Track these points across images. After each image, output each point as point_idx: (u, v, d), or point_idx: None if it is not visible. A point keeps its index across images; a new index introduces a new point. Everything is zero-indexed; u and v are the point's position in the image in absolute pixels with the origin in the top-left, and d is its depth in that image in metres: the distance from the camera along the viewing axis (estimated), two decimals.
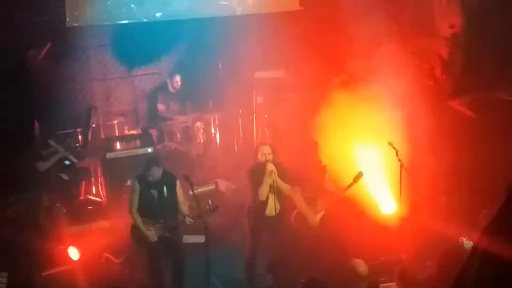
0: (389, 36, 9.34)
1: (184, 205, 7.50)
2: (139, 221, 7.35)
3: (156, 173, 7.31)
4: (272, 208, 7.52)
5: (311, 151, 8.02)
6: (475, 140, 8.02)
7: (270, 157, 7.41)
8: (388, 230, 8.50)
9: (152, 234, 7.31)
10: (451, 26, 7.59)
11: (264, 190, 7.37)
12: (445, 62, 7.90)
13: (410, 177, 8.19)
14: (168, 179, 7.42)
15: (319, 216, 7.91)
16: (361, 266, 5.90)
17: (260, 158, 7.42)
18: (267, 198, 7.47)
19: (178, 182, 7.49)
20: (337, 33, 9.73)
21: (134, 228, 7.46)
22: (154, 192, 7.34)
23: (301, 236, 7.98)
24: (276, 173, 7.34)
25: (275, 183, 7.37)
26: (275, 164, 7.40)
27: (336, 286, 6.12)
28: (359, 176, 7.85)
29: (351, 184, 7.90)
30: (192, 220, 7.29)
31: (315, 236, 8.14)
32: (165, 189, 7.36)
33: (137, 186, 7.37)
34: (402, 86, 8.93)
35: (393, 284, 5.98)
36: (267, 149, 7.48)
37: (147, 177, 7.34)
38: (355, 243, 8.13)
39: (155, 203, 7.35)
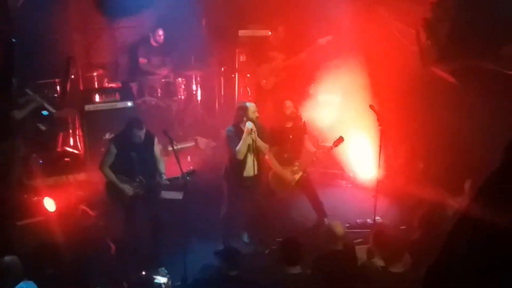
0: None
1: (160, 162, 7.41)
2: (112, 177, 7.24)
3: (140, 134, 7.14)
4: (250, 168, 7.45)
5: (291, 112, 7.96)
6: (456, 108, 8.05)
7: (255, 115, 7.34)
8: (365, 193, 8.59)
9: (127, 187, 7.25)
10: None
11: (242, 149, 7.29)
12: (430, 28, 7.85)
13: (389, 142, 8.24)
14: (147, 138, 7.26)
15: (296, 177, 7.93)
16: (338, 227, 5.93)
17: (251, 116, 7.31)
18: (245, 157, 7.42)
19: (156, 140, 7.39)
20: None
21: (109, 184, 7.37)
22: (133, 154, 7.21)
23: (278, 196, 8.02)
24: (256, 132, 7.27)
25: (254, 142, 7.32)
26: (254, 124, 7.33)
27: (311, 247, 6.17)
28: (339, 140, 7.85)
29: (330, 148, 7.91)
30: (168, 182, 7.25)
31: (292, 196, 8.20)
32: (143, 149, 7.24)
33: (114, 150, 7.20)
34: (386, 50, 8.90)
35: (368, 246, 6.05)
36: (254, 107, 7.40)
37: (127, 138, 7.19)
38: (331, 205, 8.21)
39: (133, 163, 7.23)
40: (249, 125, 7.22)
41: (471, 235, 1.43)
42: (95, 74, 10.64)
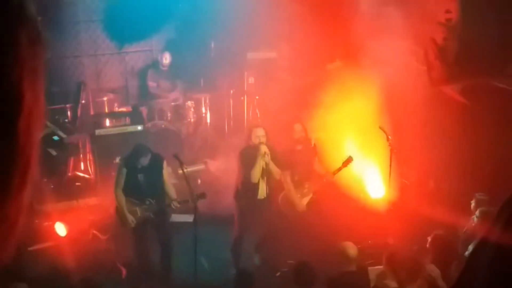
0: (384, 21, 9.30)
1: (170, 187, 7.38)
2: (122, 202, 7.22)
3: (143, 161, 7.15)
4: (263, 190, 7.48)
5: (299, 136, 7.97)
6: (465, 126, 8.03)
7: (263, 139, 7.34)
8: (376, 214, 8.53)
9: (131, 218, 7.21)
10: (447, 11, 7.55)
11: (256, 173, 7.31)
12: (439, 47, 7.86)
13: (399, 162, 8.21)
14: (155, 161, 7.26)
15: (306, 199, 7.90)
16: (351, 248, 5.90)
17: (254, 140, 7.33)
18: (258, 180, 7.43)
19: (164, 164, 7.37)
20: (332, 17, 9.66)
21: (118, 209, 7.38)
22: (141, 176, 7.21)
23: (289, 218, 7.99)
24: (269, 155, 7.28)
25: (267, 165, 7.32)
26: (268, 147, 7.34)
27: (324, 268, 6.13)
28: (348, 160, 7.83)
29: (340, 168, 7.88)
30: (178, 205, 7.24)
31: (303, 218, 8.16)
32: (151, 171, 7.25)
33: (124, 170, 7.22)
34: (395, 71, 8.90)
35: (381, 267, 6.01)
36: (260, 132, 7.39)
37: (134, 161, 7.24)
38: (343, 226, 8.15)
39: (142, 186, 7.24)
40: (263, 148, 7.26)
41: (493, 258, 1.40)
42: (105, 98, 10.71)
